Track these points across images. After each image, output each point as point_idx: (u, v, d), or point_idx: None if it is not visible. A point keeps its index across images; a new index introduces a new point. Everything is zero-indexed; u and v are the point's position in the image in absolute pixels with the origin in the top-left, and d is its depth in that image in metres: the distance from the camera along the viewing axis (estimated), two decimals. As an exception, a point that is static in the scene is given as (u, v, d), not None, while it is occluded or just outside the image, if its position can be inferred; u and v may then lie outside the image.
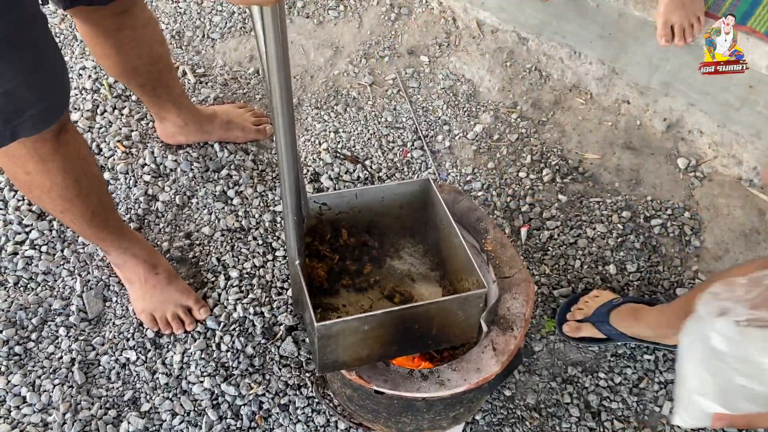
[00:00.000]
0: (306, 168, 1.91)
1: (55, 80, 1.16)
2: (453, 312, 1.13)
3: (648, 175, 1.93)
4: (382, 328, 1.11)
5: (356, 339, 1.11)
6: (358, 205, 1.30)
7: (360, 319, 1.06)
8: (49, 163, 1.25)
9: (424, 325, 1.13)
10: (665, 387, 1.61)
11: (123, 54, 1.52)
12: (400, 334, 1.14)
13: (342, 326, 1.06)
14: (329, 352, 1.12)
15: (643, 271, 1.77)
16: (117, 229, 1.53)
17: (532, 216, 1.84)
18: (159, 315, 1.63)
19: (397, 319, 1.10)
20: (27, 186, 1.31)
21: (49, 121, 1.19)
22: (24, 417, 1.52)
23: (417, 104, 2.05)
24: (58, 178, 1.28)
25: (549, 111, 2.04)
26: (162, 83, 1.67)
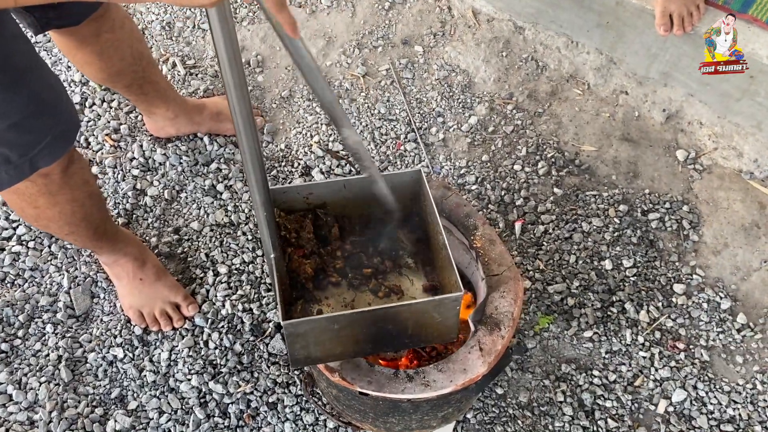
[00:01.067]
0: (297, 161, 1.88)
1: (61, 103, 1.15)
2: (428, 314, 1.10)
3: (646, 167, 1.88)
4: (353, 327, 1.08)
5: (327, 337, 1.08)
6: (347, 195, 1.27)
7: (329, 319, 1.04)
8: (58, 197, 1.26)
9: (399, 325, 1.11)
10: (661, 385, 1.58)
11: (105, 59, 1.49)
12: (373, 333, 1.11)
13: (310, 325, 1.04)
14: (300, 348, 1.10)
15: (640, 267, 1.73)
16: (113, 235, 1.52)
17: (527, 210, 1.81)
18: (147, 311, 1.61)
19: (369, 319, 1.07)
20: (34, 218, 1.32)
21: (65, 147, 1.18)
22: (10, 415, 1.51)
23: (411, 96, 2.02)
24: (66, 208, 1.29)
25: (545, 102, 2.00)
26: (147, 80, 1.64)
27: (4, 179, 1.15)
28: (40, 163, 1.16)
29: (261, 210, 1.03)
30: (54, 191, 1.25)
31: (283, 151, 1.90)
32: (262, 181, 1.01)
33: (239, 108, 0.87)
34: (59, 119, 1.15)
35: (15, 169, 1.13)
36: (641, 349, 1.63)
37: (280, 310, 1.02)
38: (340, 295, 1.23)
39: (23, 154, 1.11)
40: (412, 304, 1.08)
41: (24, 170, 1.15)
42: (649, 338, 1.64)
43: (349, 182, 1.23)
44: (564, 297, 1.68)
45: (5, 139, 1.08)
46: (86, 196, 1.33)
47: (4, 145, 1.09)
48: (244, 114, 0.89)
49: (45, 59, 2.04)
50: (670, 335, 1.65)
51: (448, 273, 1.16)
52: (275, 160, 1.88)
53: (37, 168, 1.16)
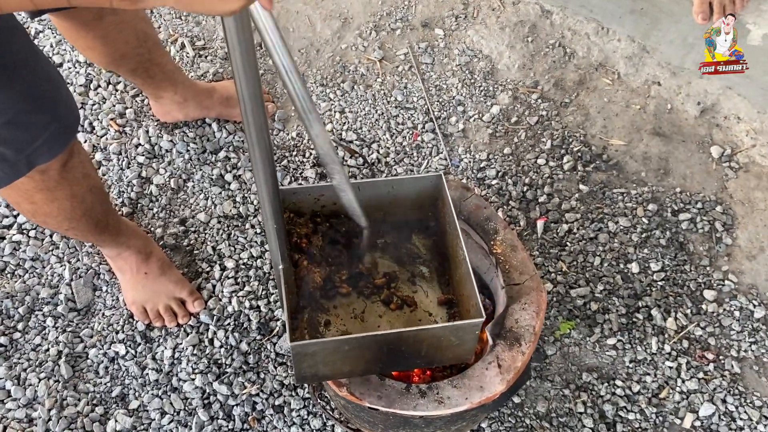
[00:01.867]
0: (309, 151, 1.79)
1: (60, 98, 1.08)
2: (445, 338, 1.02)
3: (678, 164, 1.78)
4: (364, 349, 1.01)
5: (336, 357, 1.01)
6: (360, 198, 1.19)
7: (339, 341, 0.97)
8: (56, 192, 1.19)
9: (413, 348, 1.03)
10: (687, 398, 1.50)
11: (109, 43, 1.41)
12: (385, 354, 1.04)
13: (319, 347, 0.97)
14: (307, 367, 1.03)
15: (668, 271, 1.63)
16: (116, 229, 1.45)
17: (550, 207, 1.71)
18: (150, 307, 1.54)
19: (382, 342, 0.99)
20: (31, 213, 1.25)
21: (64, 143, 1.11)
22: (8, 412, 1.46)
23: (430, 82, 1.92)
24: (65, 204, 1.23)
25: (572, 92, 1.89)
26: (154, 62, 1.56)
27: (0, 177, 1.08)
28: (37, 161, 1.09)
29: (270, 220, 0.96)
30: (52, 187, 1.18)
31: (295, 139, 1.81)
32: (272, 189, 0.92)
33: (252, 111, 0.79)
34: (57, 115, 1.08)
35: (11, 167, 1.06)
36: (667, 358, 1.54)
37: (288, 330, 0.95)
38: (350, 305, 1.16)
39: (20, 151, 1.04)
40: (428, 329, 1.00)
41: (21, 168, 1.08)
42: (676, 347, 1.55)
43: (363, 185, 1.15)
44: (587, 301, 1.59)
45: (0, 136, 1.01)
46: (86, 190, 1.26)
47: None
48: (257, 122, 0.80)
49: (48, 38, 1.96)
50: (698, 345, 1.56)
51: (467, 291, 1.08)
52: (286, 149, 1.80)
53: (34, 165, 1.09)
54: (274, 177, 0.92)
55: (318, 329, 1.15)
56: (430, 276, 1.20)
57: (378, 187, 1.17)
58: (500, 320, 1.17)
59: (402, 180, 1.17)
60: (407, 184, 1.17)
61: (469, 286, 1.05)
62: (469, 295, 1.05)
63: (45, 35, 1.97)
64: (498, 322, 1.17)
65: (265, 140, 0.85)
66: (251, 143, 0.84)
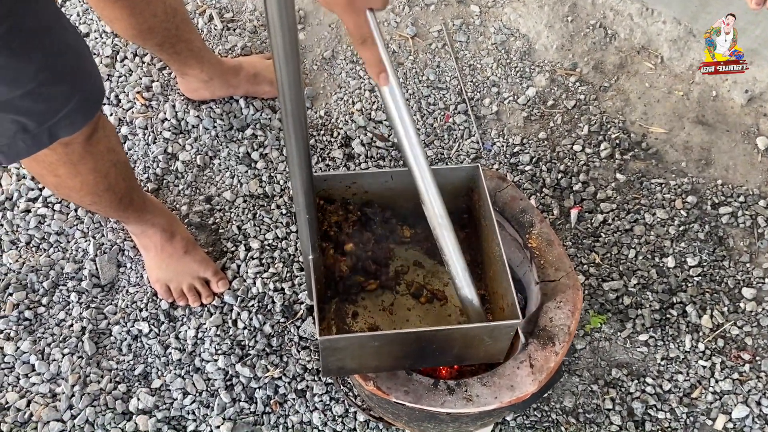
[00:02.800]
0: (336, 131, 1.74)
1: (84, 69, 1.04)
2: (479, 337, 0.98)
3: (720, 155, 1.70)
4: (393, 345, 0.98)
5: (364, 352, 0.99)
6: (393, 187, 1.15)
7: (368, 337, 0.94)
8: (80, 166, 1.16)
9: (444, 346, 1.00)
10: (720, 398, 1.45)
11: (136, 15, 1.36)
12: (414, 351, 1.01)
13: (347, 342, 0.94)
14: (334, 360, 1.01)
15: (706, 266, 1.58)
16: (140, 206, 1.42)
17: (585, 196, 1.66)
18: (174, 286, 1.53)
19: (412, 339, 0.96)
20: (55, 186, 1.23)
21: (88, 116, 1.08)
22: (32, 386, 1.47)
23: (463, 61, 1.85)
24: (89, 178, 1.20)
25: (612, 75, 1.81)
26: (181, 38, 1.51)
27: (21, 149, 1.05)
28: (60, 133, 1.05)
29: (303, 211, 0.92)
30: (75, 161, 1.15)
31: (323, 118, 1.77)
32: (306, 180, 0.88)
33: (289, 106, 0.75)
34: (80, 86, 1.04)
35: (33, 138, 1.03)
36: (701, 357, 1.49)
37: (316, 324, 0.92)
38: (378, 296, 1.13)
39: (41, 123, 1.01)
40: (462, 329, 0.96)
41: (42, 140, 1.05)
42: (710, 346, 1.50)
43: (397, 174, 1.10)
44: (620, 295, 1.54)
45: (20, 107, 0.98)
46: (111, 165, 1.23)
47: (19, 113, 0.99)
48: (294, 109, 0.76)
49: (75, 6, 1.92)
50: (734, 344, 1.51)
51: (501, 290, 1.04)
52: (313, 128, 1.75)
53: (56, 138, 1.06)
54: (309, 167, 0.88)
55: (345, 321, 1.12)
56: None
57: (411, 176, 1.13)
58: (534, 318, 1.13)
59: (437, 170, 1.13)
60: (442, 174, 1.13)
61: (504, 284, 1.01)
62: (505, 293, 1.02)
63: (72, 3, 1.93)
64: (531, 320, 1.13)
65: (302, 129, 0.81)
66: (288, 132, 0.80)
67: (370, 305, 1.12)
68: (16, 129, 1.00)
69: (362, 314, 1.12)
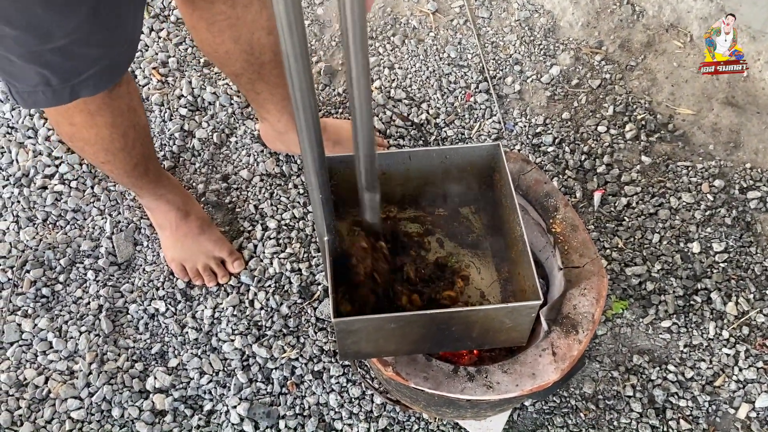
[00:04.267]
0: (356, 109, 1.71)
1: (121, 34, 1.02)
2: (499, 320, 0.96)
3: (750, 138, 1.65)
4: (411, 327, 0.96)
5: (380, 335, 0.97)
6: (411, 167, 1.12)
7: (384, 319, 0.92)
8: (97, 118, 1.14)
9: (463, 328, 0.98)
10: (744, 387, 1.42)
11: (214, 32, 1.25)
12: (433, 334, 0.99)
13: (363, 323, 0.92)
14: (350, 344, 0.99)
15: (732, 252, 1.54)
16: (155, 177, 1.40)
17: (609, 179, 1.62)
18: (190, 265, 1.52)
19: (430, 321, 0.94)
20: (69, 137, 1.20)
21: (111, 80, 1.07)
22: (50, 363, 1.47)
23: (486, 38, 1.80)
24: (104, 132, 1.17)
25: (639, 54, 1.76)
26: (264, 80, 1.38)
27: (40, 99, 1.04)
28: (82, 92, 1.04)
29: (316, 191, 0.89)
30: (93, 111, 1.13)
31: (341, 96, 1.74)
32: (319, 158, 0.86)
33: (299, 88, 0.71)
34: (112, 52, 1.03)
35: (53, 93, 1.02)
36: (725, 345, 1.46)
37: (331, 306, 0.90)
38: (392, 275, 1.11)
39: (65, 80, 1.00)
40: (481, 310, 0.94)
41: (63, 96, 1.04)
42: (735, 334, 1.47)
43: (415, 154, 1.07)
44: (643, 281, 1.51)
45: (47, 61, 0.97)
46: (130, 125, 1.20)
47: (46, 67, 0.98)
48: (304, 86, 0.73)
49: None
50: (759, 332, 1.47)
51: (523, 271, 1.01)
52: (332, 106, 1.72)
53: (77, 96, 1.05)
54: (321, 146, 0.85)
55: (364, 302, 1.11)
56: (483, 252, 1.13)
57: (431, 158, 1.10)
58: (557, 305, 1.10)
59: (457, 149, 1.10)
60: (462, 153, 1.10)
61: (526, 266, 0.98)
62: (526, 275, 0.99)
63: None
64: (554, 306, 1.10)
65: (311, 104, 0.78)
66: (297, 107, 0.77)
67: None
68: (39, 80, 0.99)
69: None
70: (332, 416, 1.43)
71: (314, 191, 0.90)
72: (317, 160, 0.86)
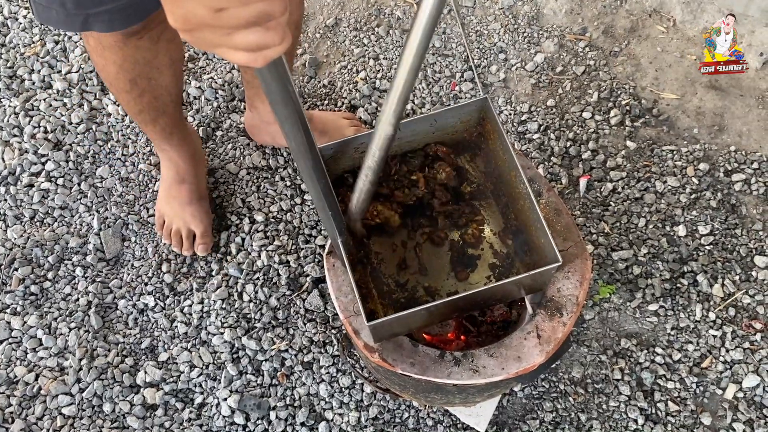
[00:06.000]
0: (341, 100, 1.71)
1: None
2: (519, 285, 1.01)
3: (734, 120, 1.66)
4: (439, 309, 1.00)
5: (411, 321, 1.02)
6: (401, 136, 1.12)
7: (413, 313, 0.96)
8: (106, 52, 1.14)
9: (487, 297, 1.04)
10: (731, 368, 1.44)
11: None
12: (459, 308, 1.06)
13: (395, 320, 0.96)
14: (383, 332, 1.04)
15: (718, 235, 1.55)
16: (164, 133, 1.40)
17: (594, 165, 1.62)
18: (167, 223, 1.53)
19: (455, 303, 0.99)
20: (88, 51, 1.20)
21: (127, 23, 1.05)
22: (40, 360, 1.47)
23: (470, 27, 1.80)
24: (111, 68, 1.18)
25: (623, 40, 1.76)
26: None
27: (53, 17, 1.03)
28: (94, 26, 1.03)
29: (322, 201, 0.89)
30: (105, 45, 1.13)
31: (326, 87, 1.74)
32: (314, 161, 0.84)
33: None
34: None
35: (66, 17, 1.01)
36: (712, 327, 1.47)
37: (361, 308, 0.93)
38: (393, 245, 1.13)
39: (80, 6, 0.99)
40: (506, 283, 0.97)
41: (75, 24, 1.03)
42: (721, 315, 1.48)
43: (403, 124, 1.07)
44: (629, 265, 1.52)
45: None
46: (141, 76, 1.20)
47: None
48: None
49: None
50: (746, 313, 1.48)
51: (530, 222, 1.05)
52: (318, 98, 1.72)
53: (89, 28, 1.04)
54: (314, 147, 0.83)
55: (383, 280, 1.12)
56: (486, 202, 1.15)
57: (418, 124, 1.10)
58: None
59: (443, 112, 1.08)
60: (450, 115, 1.09)
61: (536, 223, 1.00)
62: (537, 232, 1.01)
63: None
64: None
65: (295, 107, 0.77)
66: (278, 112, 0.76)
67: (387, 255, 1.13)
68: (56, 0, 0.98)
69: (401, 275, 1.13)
70: (323, 406, 1.43)
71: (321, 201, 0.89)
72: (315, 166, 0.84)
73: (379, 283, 1.13)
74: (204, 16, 0.51)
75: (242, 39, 0.53)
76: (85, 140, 1.67)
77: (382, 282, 1.13)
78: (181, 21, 0.52)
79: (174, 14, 0.52)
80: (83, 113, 1.69)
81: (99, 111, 1.71)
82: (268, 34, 0.53)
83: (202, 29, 0.52)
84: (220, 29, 0.52)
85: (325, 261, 1.11)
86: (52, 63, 1.77)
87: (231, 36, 0.53)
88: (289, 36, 0.56)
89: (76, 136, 1.68)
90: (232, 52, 0.54)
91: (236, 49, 0.54)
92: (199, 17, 0.51)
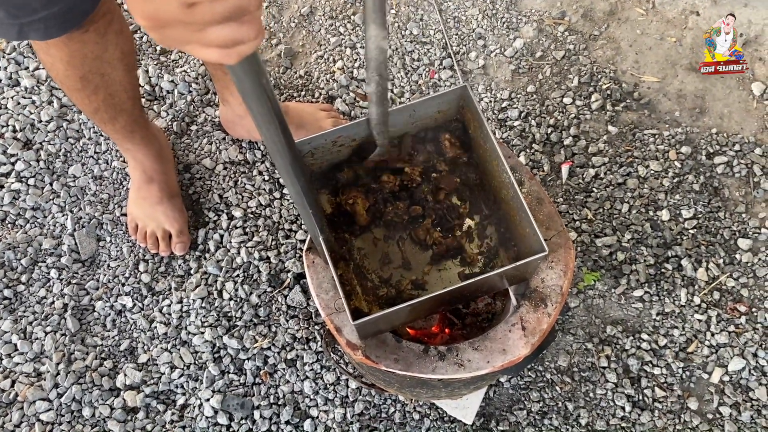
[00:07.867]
0: (318, 91, 1.68)
1: None
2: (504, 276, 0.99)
3: (715, 102, 1.65)
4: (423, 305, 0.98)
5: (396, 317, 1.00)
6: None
7: (399, 309, 0.93)
8: (52, 49, 1.10)
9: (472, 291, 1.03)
10: (716, 352, 1.43)
11: None
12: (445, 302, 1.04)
13: (381, 318, 0.94)
14: (369, 329, 1.02)
15: (701, 218, 1.54)
16: (125, 132, 1.36)
17: (576, 151, 1.61)
18: (141, 226, 1.50)
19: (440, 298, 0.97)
20: (35, 49, 1.17)
21: (63, 29, 1.02)
22: (16, 366, 1.43)
23: (448, 14, 1.77)
24: (59, 66, 1.14)
25: (602, 23, 1.74)
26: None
27: None
28: (30, 35, 1.00)
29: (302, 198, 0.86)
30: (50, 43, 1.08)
31: (303, 78, 1.70)
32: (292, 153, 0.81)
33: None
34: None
35: (1, 26, 0.98)
36: (697, 311, 1.47)
37: (346, 307, 0.90)
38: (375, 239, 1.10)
39: (13, 17, 0.96)
40: (491, 275, 0.95)
41: (10, 33, 0.99)
42: (706, 299, 1.47)
43: None
44: (613, 251, 1.51)
45: None
46: (93, 72, 1.16)
47: None
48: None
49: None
50: (730, 296, 1.48)
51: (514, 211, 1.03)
52: (294, 89, 1.69)
53: (27, 38, 1.01)
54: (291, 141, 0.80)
55: (367, 276, 1.10)
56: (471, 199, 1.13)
57: (397, 115, 1.07)
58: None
59: (422, 102, 1.06)
60: (429, 104, 1.06)
61: (521, 213, 0.98)
62: (521, 221, 0.99)
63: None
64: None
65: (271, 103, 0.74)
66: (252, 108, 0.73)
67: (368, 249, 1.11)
68: None
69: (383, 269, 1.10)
70: (307, 403, 1.41)
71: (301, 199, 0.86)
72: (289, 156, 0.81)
73: (362, 279, 1.10)
74: (175, 11, 0.48)
75: (215, 35, 0.50)
76: (56, 138, 1.62)
77: (365, 278, 1.11)
78: (150, 18, 0.49)
79: (142, 11, 0.49)
80: (53, 111, 1.64)
81: (69, 108, 1.66)
82: (242, 29, 0.51)
83: (172, 26, 0.50)
84: (191, 25, 0.49)
85: (304, 258, 1.09)
86: (18, 59, 1.72)
87: (203, 32, 0.50)
88: (263, 30, 0.54)
89: (47, 134, 1.63)
90: (204, 49, 0.52)
91: (208, 46, 0.51)
92: (169, 13, 0.48)
